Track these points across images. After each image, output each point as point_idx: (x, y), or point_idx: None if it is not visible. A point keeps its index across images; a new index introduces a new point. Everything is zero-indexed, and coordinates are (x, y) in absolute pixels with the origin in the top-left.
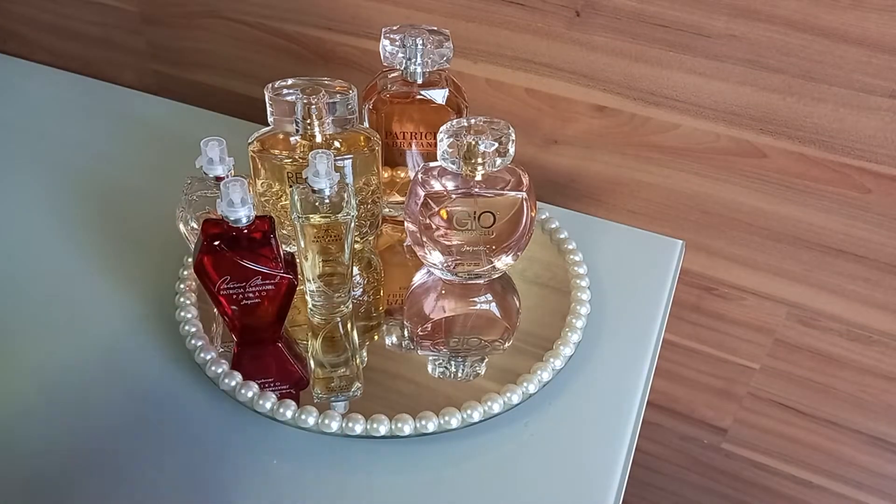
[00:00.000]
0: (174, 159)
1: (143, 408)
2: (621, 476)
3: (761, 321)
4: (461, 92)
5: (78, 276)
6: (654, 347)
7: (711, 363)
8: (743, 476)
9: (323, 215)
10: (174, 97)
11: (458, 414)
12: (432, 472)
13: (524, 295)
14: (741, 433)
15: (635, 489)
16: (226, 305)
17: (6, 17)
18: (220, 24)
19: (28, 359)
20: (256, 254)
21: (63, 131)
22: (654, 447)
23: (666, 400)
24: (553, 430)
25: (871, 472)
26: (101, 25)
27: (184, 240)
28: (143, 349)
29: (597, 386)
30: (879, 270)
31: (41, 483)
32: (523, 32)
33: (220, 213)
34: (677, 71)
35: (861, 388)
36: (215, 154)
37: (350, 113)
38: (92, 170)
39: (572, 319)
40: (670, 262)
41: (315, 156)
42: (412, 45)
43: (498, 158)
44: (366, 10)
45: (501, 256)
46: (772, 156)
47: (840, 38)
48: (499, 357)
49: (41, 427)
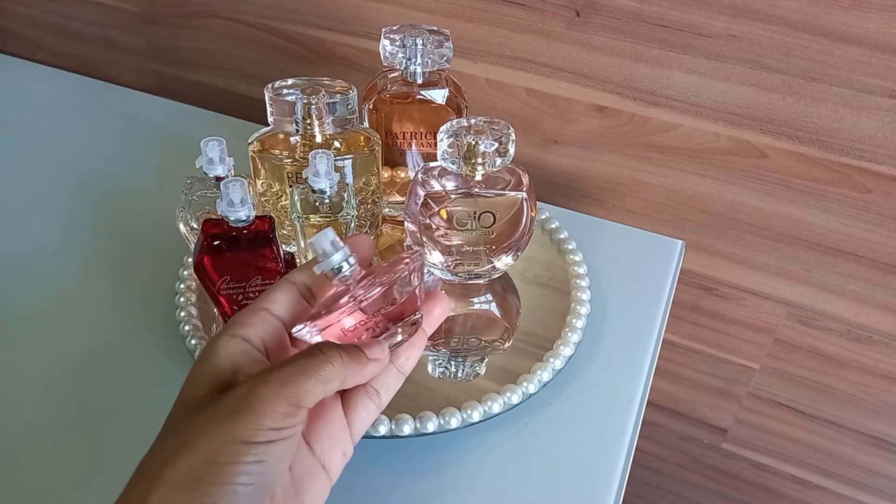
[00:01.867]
0: (174, 159)
1: (143, 407)
2: (621, 476)
3: (761, 321)
4: (461, 92)
5: (78, 276)
6: (654, 347)
7: (711, 363)
8: (743, 476)
9: (323, 215)
10: (174, 97)
11: (458, 414)
12: (432, 472)
13: (524, 295)
14: (741, 433)
15: (635, 489)
16: (226, 305)
17: (6, 17)
18: (220, 24)
19: (27, 359)
20: (256, 254)
21: (63, 131)
22: (654, 447)
23: (666, 400)
24: (553, 430)
25: (871, 472)
26: (101, 25)
27: (184, 240)
28: (144, 349)
29: (597, 386)
30: (879, 270)
31: (41, 483)
32: (523, 32)
33: (220, 213)
34: (677, 71)
35: (861, 388)
36: (215, 154)
37: (350, 113)
38: (92, 170)
39: (572, 319)
40: (670, 263)
41: (315, 156)
42: (412, 45)
43: (498, 158)
44: (366, 10)
45: (501, 256)
46: (772, 156)
47: (840, 38)
48: (499, 357)
49: (41, 427)
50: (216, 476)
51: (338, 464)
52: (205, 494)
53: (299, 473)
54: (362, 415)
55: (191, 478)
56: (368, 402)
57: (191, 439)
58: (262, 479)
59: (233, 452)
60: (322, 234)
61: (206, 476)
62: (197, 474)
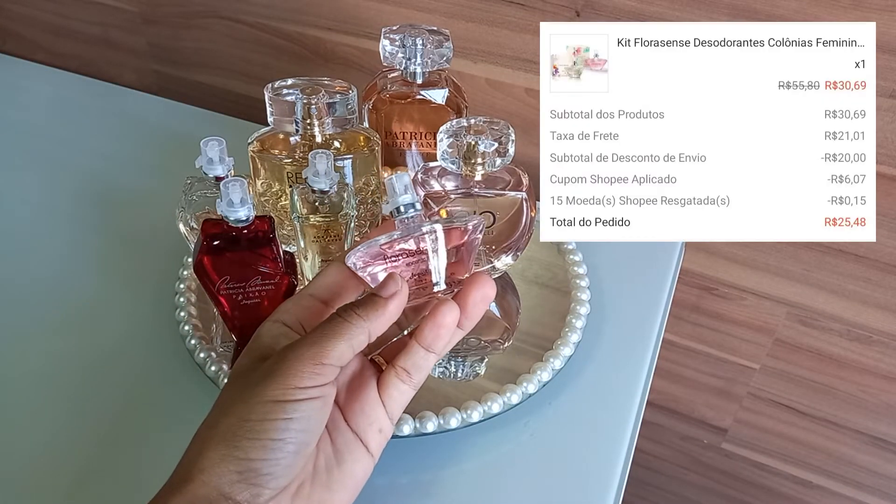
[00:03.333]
0: (174, 159)
1: (143, 407)
2: (621, 476)
3: (761, 321)
4: (461, 92)
5: (77, 276)
6: (654, 347)
7: (711, 363)
8: (743, 476)
9: (323, 215)
10: (174, 97)
11: (458, 414)
12: (432, 472)
13: (524, 295)
14: (741, 433)
15: (635, 489)
16: (226, 305)
17: (6, 17)
18: (220, 24)
19: (27, 358)
20: (256, 254)
21: (63, 131)
22: (654, 447)
23: (666, 400)
24: (553, 430)
25: (871, 472)
26: (101, 25)
27: (184, 240)
28: (143, 349)
29: (597, 386)
30: (879, 270)
31: (41, 482)
32: (523, 32)
33: (220, 213)
34: None
35: (861, 388)
36: (215, 154)
37: (350, 113)
38: (92, 170)
39: (572, 319)
40: (670, 262)
41: (315, 156)
42: (412, 45)
43: (498, 158)
44: (366, 10)
45: (501, 256)
46: None
47: None
48: (499, 357)
49: (41, 427)
50: (249, 432)
51: (375, 439)
52: (239, 449)
53: (340, 445)
54: (395, 395)
55: (228, 434)
56: (399, 382)
57: (228, 404)
58: (294, 436)
59: (263, 411)
60: (398, 176)
61: (241, 432)
62: (233, 430)
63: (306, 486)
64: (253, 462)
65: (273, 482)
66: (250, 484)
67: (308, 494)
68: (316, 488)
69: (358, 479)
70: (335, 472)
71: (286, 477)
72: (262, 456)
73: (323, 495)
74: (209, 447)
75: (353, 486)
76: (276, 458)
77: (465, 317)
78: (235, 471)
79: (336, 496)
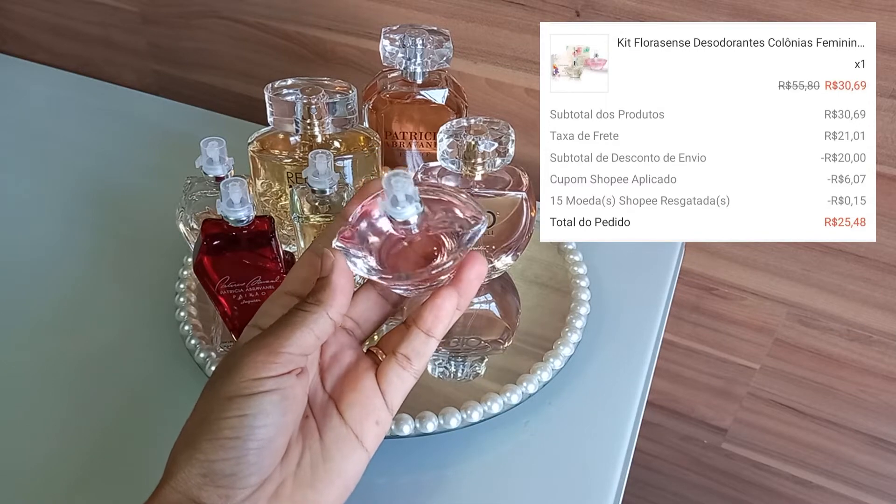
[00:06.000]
0: (174, 159)
1: (143, 407)
2: (621, 476)
3: (761, 321)
4: (461, 92)
5: (77, 275)
6: (654, 347)
7: (711, 363)
8: (743, 476)
9: (323, 215)
10: (174, 97)
11: (458, 414)
12: (432, 472)
13: (524, 295)
14: (741, 433)
15: (635, 489)
16: (226, 305)
17: (6, 17)
18: (220, 24)
19: (27, 358)
20: (256, 254)
21: (63, 131)
22: (654, 447)
23: (666, 400)
24: (553, 430)
25: (871, 472)
26: (100, 25)
27: (184, 240)
28: (143, 349)
29: (597, 386)
30: (879, 270)
31: (41, 482)
32: (523, 32)
33: (220, 213)
34: None
35: (861, 388)
36: (215, 154)
37: (350, 113)
38: (92, 170)
39: (572, 319)
40: (670, 262)
41: (315, 156)
42: (412, 45)
43: (498, 158)
44: (366, 10)
45: (501, 256)
46: None
47: None
48: (499, 357)
49: (41, 426)
50: (207, 432)
51: (371, 432)
52: (200, 451)
53: (329, 442)
54: (395, 382)
55: (191, 436)
56: (400, 369)
57: (195, 408)
58: (252, 433)
59: (219, 409)
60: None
61: (199, 432)
62: (194, 432)
63: (287, 485)
64: (214, 463)
65: (240, 482)
66: (217, 486)
67: (290, 495)
68: (299, 488)
69: (349, 476)
70: (320, 469)
71: (255, 475)
72: (221, 456)
73: (307, 495)
74: (177, 450)
75: (342, 485)
76: (237, 456)
77: (460, 295)
78: (199, 473)
79: (323, 496)
